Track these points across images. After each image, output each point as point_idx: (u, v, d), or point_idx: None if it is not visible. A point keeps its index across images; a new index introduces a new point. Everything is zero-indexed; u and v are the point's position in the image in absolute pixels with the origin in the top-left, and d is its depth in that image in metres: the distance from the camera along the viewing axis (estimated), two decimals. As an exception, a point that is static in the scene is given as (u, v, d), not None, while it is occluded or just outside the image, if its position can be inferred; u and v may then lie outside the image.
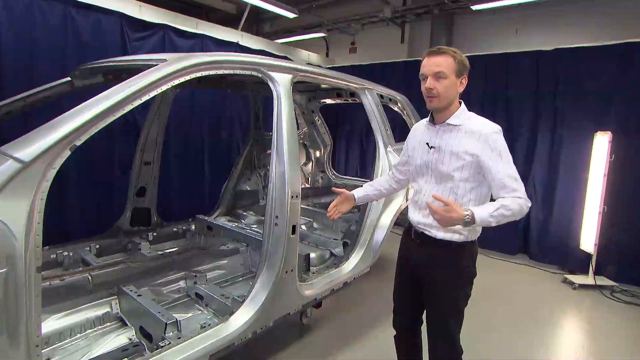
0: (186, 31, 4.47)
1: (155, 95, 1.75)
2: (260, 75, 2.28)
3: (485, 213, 1.56)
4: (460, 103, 1.74)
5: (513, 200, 1.59)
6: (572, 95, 4.38)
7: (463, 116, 1.71)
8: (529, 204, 1.60)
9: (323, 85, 3.76)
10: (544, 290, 3.93)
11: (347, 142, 6.42)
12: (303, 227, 3.88)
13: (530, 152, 4.73)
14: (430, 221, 1.72)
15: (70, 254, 2.82)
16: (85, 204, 3.76)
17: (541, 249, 4.67)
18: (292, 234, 2.22)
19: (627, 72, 4.04)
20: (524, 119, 4.73)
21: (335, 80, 3.00)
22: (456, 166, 1.67)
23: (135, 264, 2.76)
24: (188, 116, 4.53)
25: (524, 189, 1.61)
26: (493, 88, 4.90)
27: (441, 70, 1.63)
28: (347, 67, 6.35)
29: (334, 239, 3.41)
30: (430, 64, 1.66)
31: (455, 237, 1.72)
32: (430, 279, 1.77)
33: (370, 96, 3.29)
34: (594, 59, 4.22)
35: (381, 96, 3.56)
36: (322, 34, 8.08)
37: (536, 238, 4.72)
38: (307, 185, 4.92)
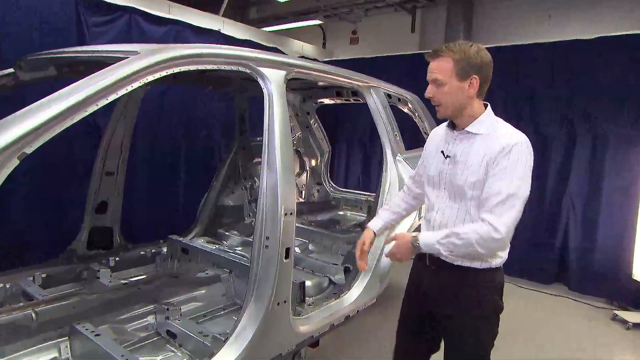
0: (157, 16, 4.49)
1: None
2: (248, 71, 2.30)
3: (433, 239, 1.67)
4: (486, 106, 1.76)
5: (473, 228, 1.61)
6: (618, 93, 4.39)
7: (487, 123, 1.72)
8: (498, 236, 1.57)
9: (320, 83, 3.79)
10: (589, 330, 3.88)
11: (348, 148, 6.47)
12: (297, 249, 3.85)
13: (566, 161, 4.74)
14: None
15: (8, 286, 2.76)
16: (29, 223, 3.69)
17: (583, 278, 4.62)
18: (286, 258, 2.21)
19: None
20: (557, 121, 4.78)
21: (336, 78, 3.04)
22: (470, 181, 1.68)
23: (92, 297, 2.70)
24: (159, 117, 4.53)
25: (508, 217, 1.58)
26: (520, 85, 4.96)
27: (436, 77, 1.69)
28: (348, 60, 6.41)
29: (333, 264, 3.41)
30: (428, 70, 1.72)
31: (476, 264, 1.72)
32: (447, 314, 1.78)
33: (377, 96, 3.32)
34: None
35: (389, 96, 3.59)
36: (318, 22, 8.17)
37: (576, 264, 4.68)
38: (301, 200, 4.94)
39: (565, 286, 4.80)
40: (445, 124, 1.88)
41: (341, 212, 4.93)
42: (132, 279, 3.23)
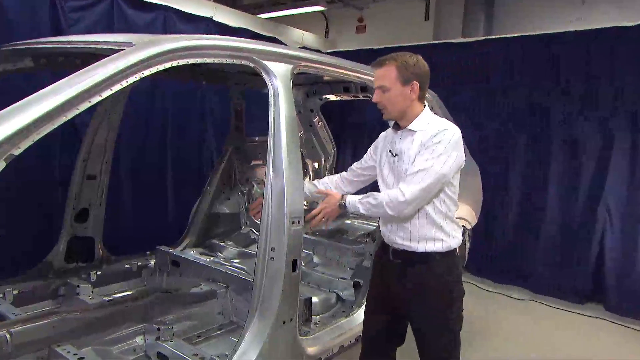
0: (142, 1, 4.52)
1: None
2: (252, 65, 2.34)
3: (356, 198, 2.21)
4: (424, 106, 2.21)
5: (387, 192, 2.12)
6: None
7: (424, 120, 2.17)
8: (402, 199, 2.03)
9: (326, 78, 3.84)
10: (629, 357, 3.86)
11: (355, 148, 6.51)
12: (300, 262, 3.91)
13: (602, 163, 4.72)
14: (407, 234, 2.17)
15: None
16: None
17: (622, 297, 4.59)
18: (293, 271, 2.26)
19: None
20: (592, 118, 4.76)
21: (347, 72, 3.08)
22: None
23: (75, 315, 2.73)
24: (147, 114, 4.58)
25: (416, 186, 2.02)
26: (548, 80, 4.99)
27: (382, 84, 2.14)
28: (353, 51, 6.45)
29: (341, 278, 3.45)
30: (375, 77, 2.19)
31: (438, 246, 2.15)
32: (418, 311, 2.21)
33: (391, 92, 3.35)
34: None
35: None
36: (320, 8, 8.21)
37: (614, 282, 4.65)
38: (305, 207, 4.95)
39: (601, 306, 4.77)
40: (390, 127, 2.33)
41: (348, 221, 4.94)
42: (116, 296, 3.25)
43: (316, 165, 4.97)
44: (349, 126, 6.52)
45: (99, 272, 3.35)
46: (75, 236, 3.35)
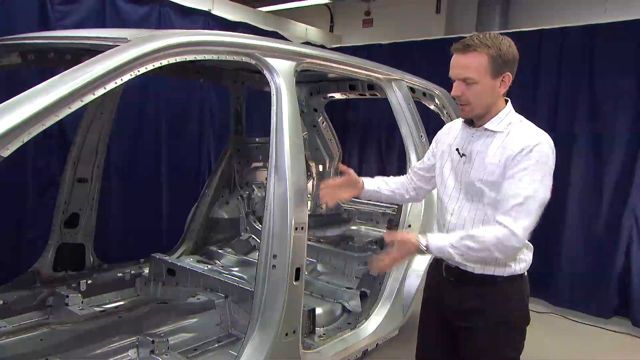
0: (136, -7, 4.54)
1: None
2: (254, 62, 2.36)
3: (445, 242, 1.79)
4: (506, 102, 1.90)
5: (490, 230, 1.75)
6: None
7: (507, 120, 1.87)
8: (515, 240, 1.71)
9: (331, 75, 3.85)
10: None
11: (361, 150, 6.51)
12: (303, 271, 3.92)
13: (628, 166, 4.66)
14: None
15: None
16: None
17: (652, 311, 4.55)
18: (296, 280, 2.27)
19: None
20: (618, 117, 4.71)
21: (354, 69, 3.10)
22: (488, 181, 1.83)
23: (64, 327, 2.75)
24: (141, 114, 4.59)
25: (526, 221, 1.72)
26: (571, 77, 4.93)
27: (468, 75, 1.79)
28: (359, 47, 6.45)
29: (346, 288, 3.45)
30: (456, 66, 1.83)
31: (500, 271, 1.87)
32: (471, 329, 1.92)
33: (400, 91, 3.38)
34: None
35: (412, 90, 3.65)
36: (325, 0, 8.23)
37: (642, 295, 4.60)
38: (308, 212, 4.96)
39: (628, 320, 4.71)
40: (460, 119, 2.03)
41: (354, 227, 4.96)
42: (107, 306, 3.26)
43: (320, 167, 5.00)
44: (354, 128, 6.53)
45: (89, 281, 3.35)
46: (65, 243, 3.36)
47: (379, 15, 8.36)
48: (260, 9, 7.84)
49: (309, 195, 5.06)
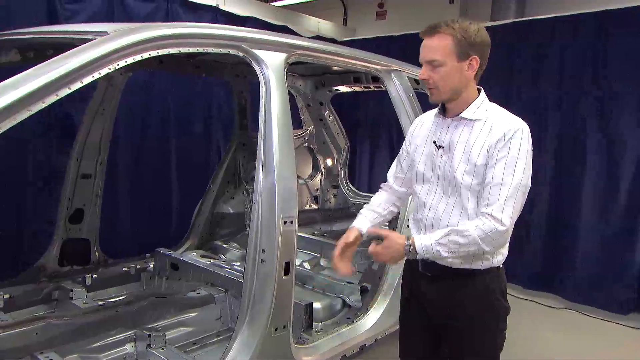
0: (143, -10, 4.55)
1: (98, 81, 1.80)
2: (241, 54, 2.33)
3: (431, 240, 1.74)
4: (479, 91, 1.89)
5: (475, 224, 1.72)
6: None
7: (483, 107, 1.86)
8: (503, 229, 1.70)
9: (334, 68, 3.80)
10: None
11: (371, 144, 6.46)
12: (306, 265, 3.89)
13: None
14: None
15: None
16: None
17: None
18: (285, 275, 2.24)
19: None
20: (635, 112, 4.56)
21: (349, 60, 3.05)
22: (468, 172, 1.81)
23: (59, 321, 2.74)
24: (145, 109, 4.61)
25: (511, 209, 1.71)
26: (589, 69, 4.77)
27: (433, 57, 1.78)
28: (372, 39, 6.42)
29: (347, 283, 3.42)
30: (423, 49, 1.82)
31: (477, 264, 1.85)
32: (453, 323, 1.91)
33: (399, 81, 3.32)
34: None
35: (416, 81, 3.57)
36: (337, -6, 8.18)
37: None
38: (315, 206, 4.93)
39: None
40: (432, 111, 2.01)
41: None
42: (110, 300, 3.28)
43: (328, 162, 4.95)
44: (362, 121, 6.47)
45: (94, 276, 3.38)
46: (70, 238, 3.39)
47: (392, 7, 8.28)
48: (271, 3, 7.82)
49: (317, 189, 5.04)
